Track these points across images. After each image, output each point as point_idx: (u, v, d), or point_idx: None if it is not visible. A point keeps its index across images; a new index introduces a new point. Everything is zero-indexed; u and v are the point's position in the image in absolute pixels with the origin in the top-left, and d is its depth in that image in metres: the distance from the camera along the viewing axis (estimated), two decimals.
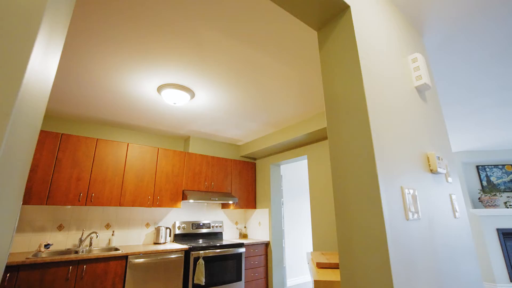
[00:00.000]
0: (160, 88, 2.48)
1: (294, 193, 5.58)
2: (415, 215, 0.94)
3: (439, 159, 1.21)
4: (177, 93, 2.47)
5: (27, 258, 2.37)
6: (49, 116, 3.24)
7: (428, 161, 1.20)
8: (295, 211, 5.48)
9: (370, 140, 0.88)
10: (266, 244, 3.93)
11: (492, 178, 5.05)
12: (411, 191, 0.97)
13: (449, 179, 1.33)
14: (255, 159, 4.67)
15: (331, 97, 1.07)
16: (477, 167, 5.18)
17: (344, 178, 0.93)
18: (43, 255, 2.73)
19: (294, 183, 5.65)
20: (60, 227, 3.05)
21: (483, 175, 5.11)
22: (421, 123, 1.28)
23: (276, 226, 4.01)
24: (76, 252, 2.93)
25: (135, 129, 3.78)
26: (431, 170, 1.19)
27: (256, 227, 4.26)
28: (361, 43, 1.04)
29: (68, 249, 2.99)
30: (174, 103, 2.58)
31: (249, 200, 4.28)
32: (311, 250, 5.49)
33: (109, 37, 1.81)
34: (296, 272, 5.10)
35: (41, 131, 2.85)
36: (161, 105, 2.91)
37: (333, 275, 1.59)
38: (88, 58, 2.06)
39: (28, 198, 2.67)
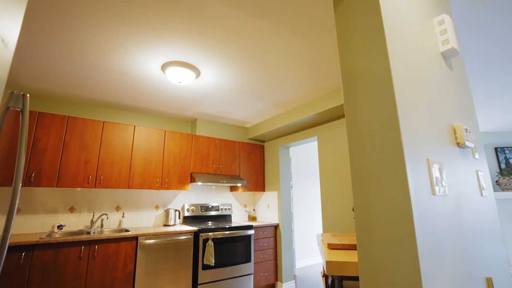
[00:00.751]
0: (164, 66, 2.39)
1: (303, 176, 5.52)
2: (442, 190, 0.85)
3: (466, 132, 1.09)
4: (182, 71, 2.38)
5: (40, 238, 2.41)
6: (54, 98, 3.22)
7: (455, 133, 1.08)
8: (304, 194, 5.44)
9: (394, 108, 0.78)
10: (275, 227, 3.92)
11: (511, 161, 4.83)
12: (438, 164, 0.87)
13: (476, 155, 1.22)
14: (263, 141, 4.58)
15: (349, 64, 0.96)
16: (496, 149, 4.96)
17: (363, 151, 0.84)
18: (56, 236, 2.78)
19: (303, 166, 5.58)
20: (71, 209, 3.09)
21: (501, 157, 4.89)
22: (447, 93, 1.16)
23: (285, 208, 3.98)
24: (88, 233, 2.98)
25: (142, 112, 3.73)
26: (458, 143, 1.08)
27: (265, 209, 4.24)
28: (384, 0, 0.91)
29: (80, 230, 3.05)
30: (179, 82, 2.49)
31: (258, 183, 4.25)
32: (321, 232, 5.49)
33: (111, 14, 1.71)
34: (304, 254, 5.13)
35: (47, 114, 2.83)
36: (166, 85, 2.82)
37: (345, 256, 1.53)
38: (91, 36, 1.97)
39: (39, 180, 2.69)
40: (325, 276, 2.03)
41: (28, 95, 1.11)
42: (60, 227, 2.91)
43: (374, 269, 0.74)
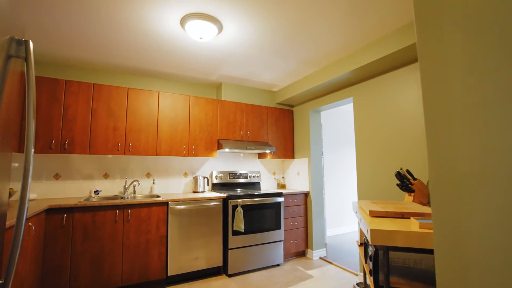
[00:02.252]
0: (183, 21, 2.17)
1: (334, 142, 5.23)
2: None
3: None
4: (203, 24, 2.15)
5: (78, 202, 2.51)
6: (78, 67, 3.19)
7: None
8: (335, 161, 5.19)
9: None
10: (306, 194, 3.78)
11: None
12: None
13: None
14: (292, 106, 4.31)
15: None
16: None
17: (449, 78, 0.59)
18: (94, 200, 2.90)
19: (334, 131, 5.26)
20: (106, 176, 3.19)
21: None
22: None
23: (316, 176, 3.79)
24: (122, 198, 3.08)
25: (165, 78, 3.61)
26: None
27: (294, 177, 4.10)
28: None
29: (115, 195, 3.16)
30: (200, 38, 2.28)
31: (287, 150, 4.06)
32: (354, 200, 5.29)
33: None
34: (335, 223, 5.01)
35: (74, 82, 2.81)
36: (187, 43, 2.63)
37: (392, 225, 1.33)
38: None
39: (72, 147, 2.76)
40: (365, 246, 1.87)
41: (30, 40, 0.98)
42: (96, 192, 3.03)
43: (462, 241, 0.53)
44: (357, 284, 2.61)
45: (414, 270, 1.33)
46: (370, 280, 1.52)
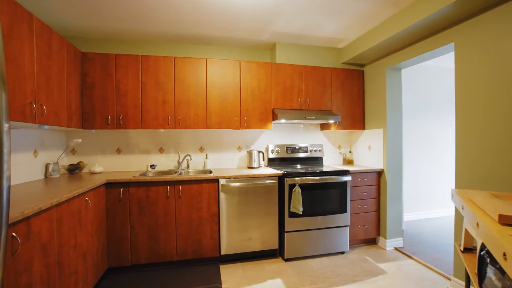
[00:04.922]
0: None
1: (413, 110, 4.23)
2: None
3: None
4: None
5: (133, 177, 2.51)
6: (125, 39, 3.09)
7: None
8: (413, 133, 4.23)
9: None
10: (379, 173, 3.12)
11: None
12: None
13: None
14: (363, 65, 3.50)
15: None
16: None
17: None
18: (150, 174, 2.91)
19: (413, 96, 4.23)
20: (161, 150, 3.18)
21: None
22: None
23: (394, 150, 3.06)
24: (176, 172, 3.03)
25: (212, 43, 3.27)
26: None
27: (365, 152, 3.43)
28: None
29: (170, 169, 3.13)
30: None
31: (355, 119, 3.38)
32: (440, 179, 4.31)
33: None
34: (413, 207, 4.20)
35: (123, 55, 2.73)
36: None
37: None
38: None
39: (126, 122, 2.75)
40: (479, 261, 1.27)
41: None
42: (153, 166, 3.04)
43: None
44: None
45: None
46: None
